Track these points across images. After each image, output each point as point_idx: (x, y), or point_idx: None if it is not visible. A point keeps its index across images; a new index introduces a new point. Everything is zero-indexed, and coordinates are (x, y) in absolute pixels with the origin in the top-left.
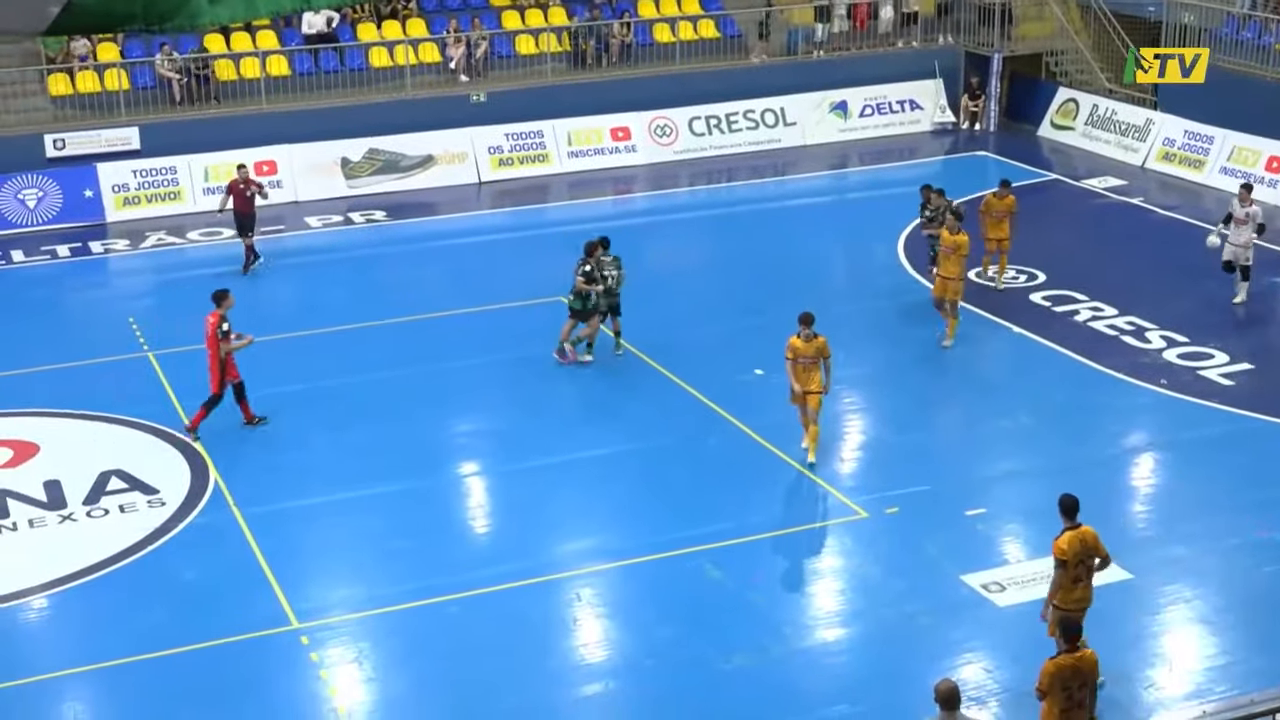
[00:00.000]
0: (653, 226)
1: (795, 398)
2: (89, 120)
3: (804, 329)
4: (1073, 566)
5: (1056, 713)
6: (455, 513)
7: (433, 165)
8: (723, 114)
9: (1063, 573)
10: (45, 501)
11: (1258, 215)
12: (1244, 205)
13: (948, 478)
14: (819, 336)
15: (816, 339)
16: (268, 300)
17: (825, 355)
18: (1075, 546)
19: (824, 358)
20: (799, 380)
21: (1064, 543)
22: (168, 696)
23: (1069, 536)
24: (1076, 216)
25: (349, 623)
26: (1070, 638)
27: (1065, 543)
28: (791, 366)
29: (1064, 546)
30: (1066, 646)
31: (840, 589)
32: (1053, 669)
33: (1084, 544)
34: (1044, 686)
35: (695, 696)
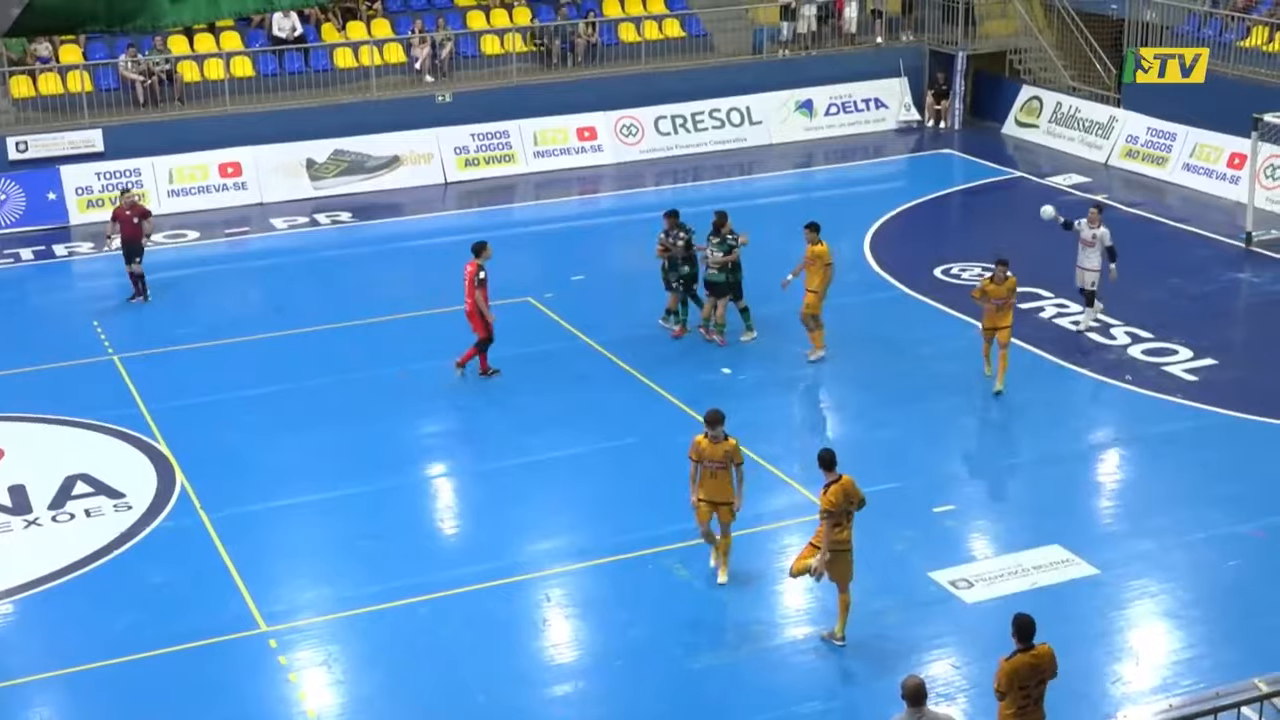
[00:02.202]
0: (619, 226)
1: (700, 510)
2: (52, 122)
3: (710, 429)
4: (839, 515)
5: (1013, 710)
6: (424, 514)
7: (398, 166)
8: (688, 113)
9: (830, 523)
10: (10, 506)
11: (1106, 238)
12: (1092, 226)
13: (915, 474)
14: (729, 438)
15: (726, 441)
16: (234, 302)
17: (736, 461)
18: (839, 498)
19: (735, 463)
20: (704, 488)
21: (831, 496)
22: (136, 701)
23: (835, 490)
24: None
25: (317, 625)
26: (1024, 636)
27: (833, 495)
28: (695, 471)
29: (832, 500)
30: (1021, 646)
31: (809, 586)
32: (1009, 669)
33: (845, 494)
34: (1002, 687)
35: (666, 696)
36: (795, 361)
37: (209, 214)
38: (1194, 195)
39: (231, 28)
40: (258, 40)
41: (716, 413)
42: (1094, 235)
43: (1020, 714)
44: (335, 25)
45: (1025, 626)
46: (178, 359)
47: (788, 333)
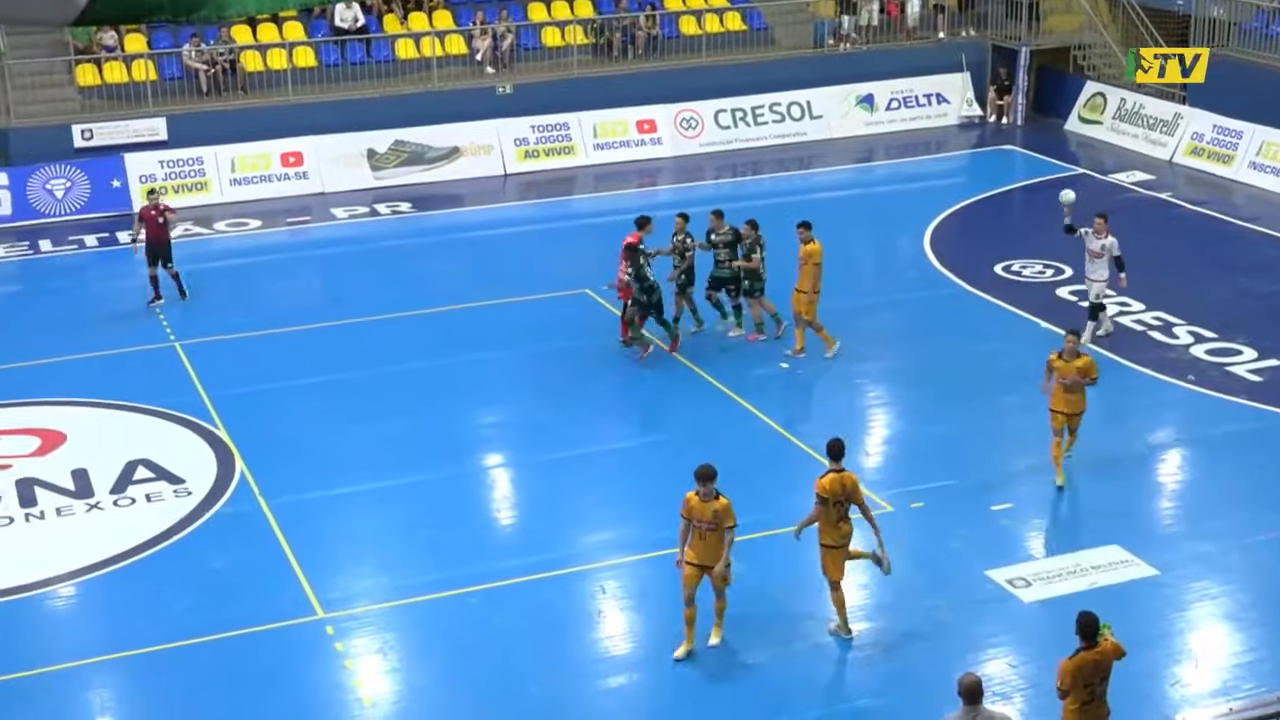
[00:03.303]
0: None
1: (687, 573)
2: (117, 111)
3: (702, 486)
4: (833, 505)
5: (1077, 706)
6: (479, 504)
7: (459, 157)
8: (748, 107)
9: (823, 509)
10: (73, 490)
11: (1114, 248)
12: (1099, 237)
13: (973, 472)
14: (720, 497)
15: (718, 500)
16: (294, 291)
17: (727, 523)
18: (835, 487)
19: (725, 526)
20: (694, 549)
21: (826, 482)
22: (194, 685)
23: (831, 478)
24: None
25: (373, 613)
26: (1087, 634)
27: (828, 482)
28: (686, 529)
29: (826, 485)
30: (1085, 644)
31: (864, 583)
32: (1072, 667)
33: (844, 486)
34: (1065, 685)
35: (718, 689)
36: (851, 356)
37: (270, 203)
38: (1260, 194)
39: (294, 18)
40: (320, 30)
41: (707, 468)
42: (1102, 246)
43: (1084, 710)
44: (397, 16)
45: (1088, 624)
46: (238, 346)
47: (845, 328)
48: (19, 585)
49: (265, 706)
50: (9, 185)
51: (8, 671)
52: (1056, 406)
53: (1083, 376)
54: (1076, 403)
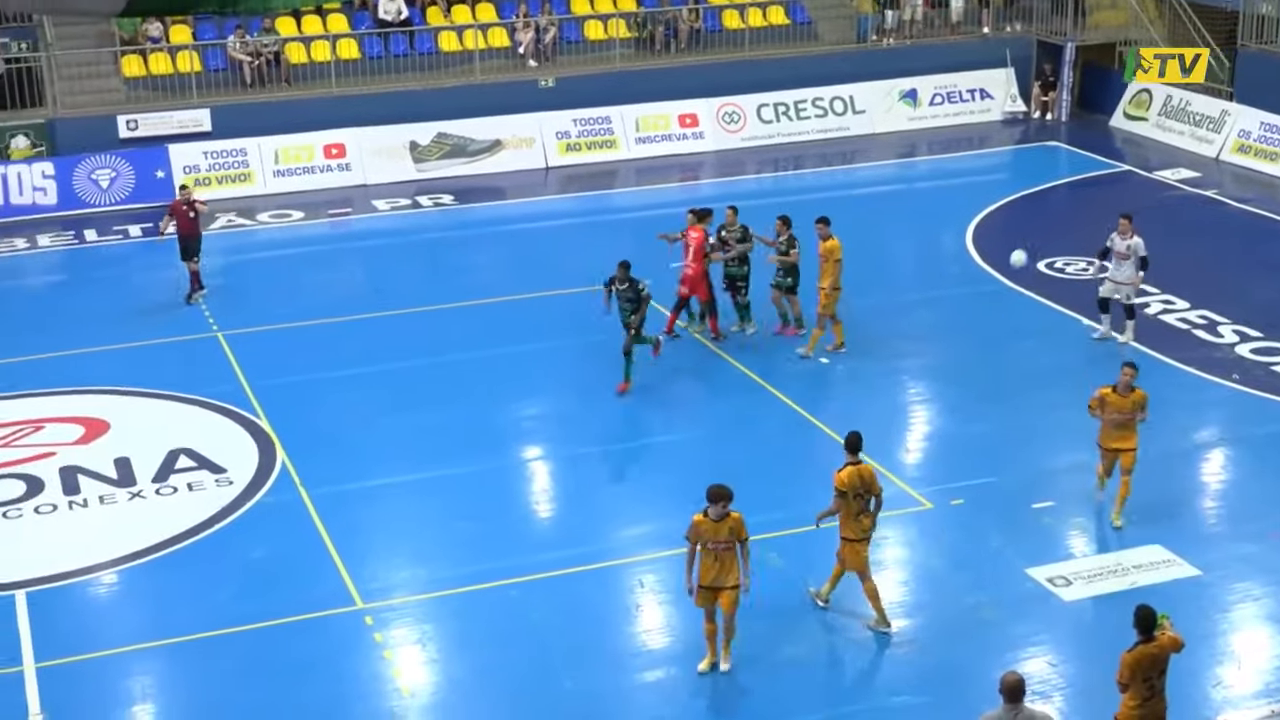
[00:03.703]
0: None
1: (700, 598)
2: (161, 101)
3: (714, 506)
4: (852, 498)
5: (1138, 702)
6: (518, 496)
7: (500, 150)
8: (791, 101)
9: (842, 502)
10: (115, 479)
11: (1139, 248)
12: (1124, 237)
13: (1013, 470)
14: (732, 514)
15: (730, 517)
16: (336, 282)
17: (741, 537)
18: (854, 480)
19: (740, 540)
20: (706, 573)
21: (844, 476)
22: (233, 673)
23: (849, 471)
24: (1148, 208)
25: (412, 604)
26: (1145, 627)
27: (846, 475)
28: (693, 555)
29: (844, 479)
30: (1142, 637)
31: (904, 580)
32: (1131, 660)
33: (862, 479)
34: (1124, 679)
35: (756, 684)
36: (893, 352)
37: (313, 194)
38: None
39: (338, 10)
40: (363, 23)
41: (723, 489)
42: (1128, 246)
43: (1144, 705)
44: (440, 9)
45: (1146, 617)
46: (280, 337)
47: (887, 324)
48: (62, 572)
49: (304, 696)
50: (55, 175)
51: (50, 657)
52: (1106, 443)
53: (1137, 412)
54: (1128, 439)
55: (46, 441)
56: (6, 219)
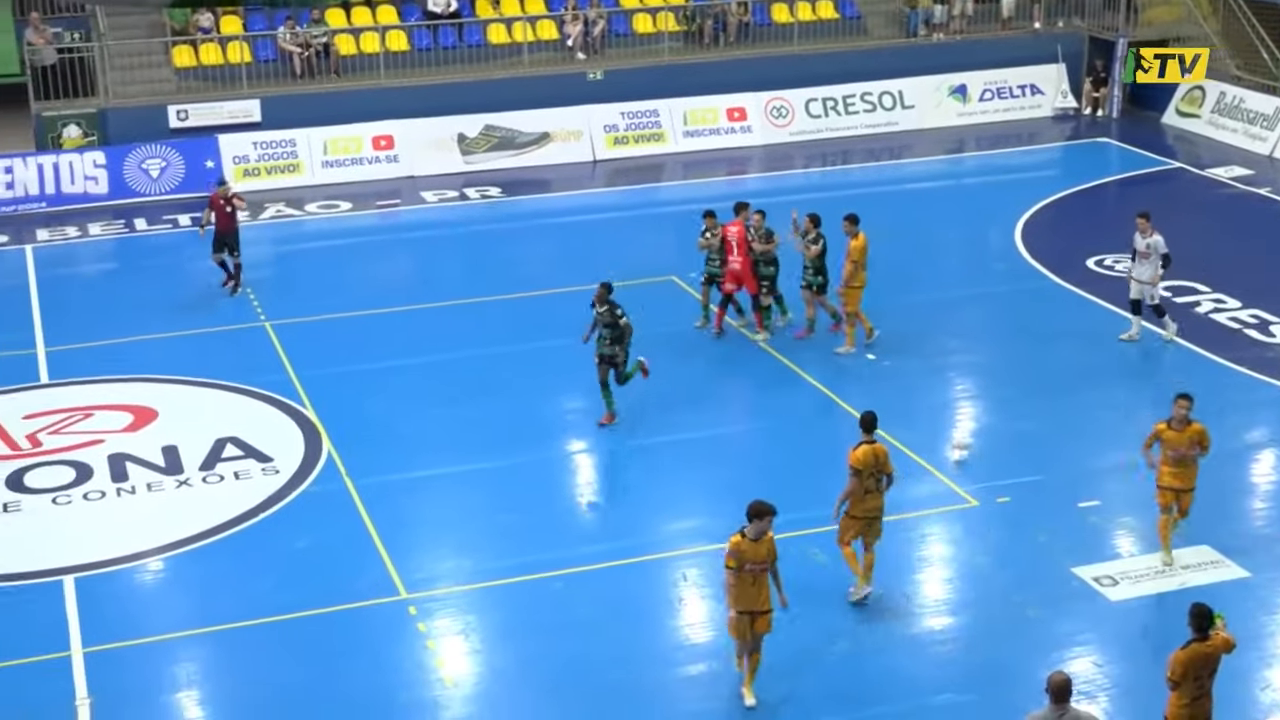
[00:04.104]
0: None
1: (735, 627)
2: (211, 92)
3: (754, 524)
4: (866, 477)
5: (1187, 701)
6: (562, 489)
7: (548, 142)
8: (839, 96)
9: (857, 481)
10: (163, 466)
11: (1160, 245)
12: (1144, 236)
13: (1060, 468)
14: (770, 533)
15: (767, 536)
16: (383, 273)
17: (775, 558)
18: (869, 459)
19: (774, 560)
20: (741, 599)
21: (860, 454)
22: (277, 661)
23: (865, 449)
24: (1200, 206)
25: (456, 594)
26: (1200, 626)
27: (860, 454)
28: (735, 579)
29: (859, 457)
30: (1196, 635)
31: (948, 577)
32: (1184, 658)
33: (876, 458)
34: (1176, 676)
35: (798, 680)
36: (939, 350)
37: (361, 185)
38: None
39: (387, 2)
40: (413, 15)
41: (762, 505)
42: (1148, 245)
43: (1193, 704)
44: (489, 1)
45: (1201, 616)
46: (327, 328)
47: (934, 320)
48: (110, 558)
49: (347, 685)
50: (106, 164)
51: (97, 643)
52: (1164, 482)
53: (1195, 448)
54: (1188, 477)
55: (96, 429)
56: (58, 207)
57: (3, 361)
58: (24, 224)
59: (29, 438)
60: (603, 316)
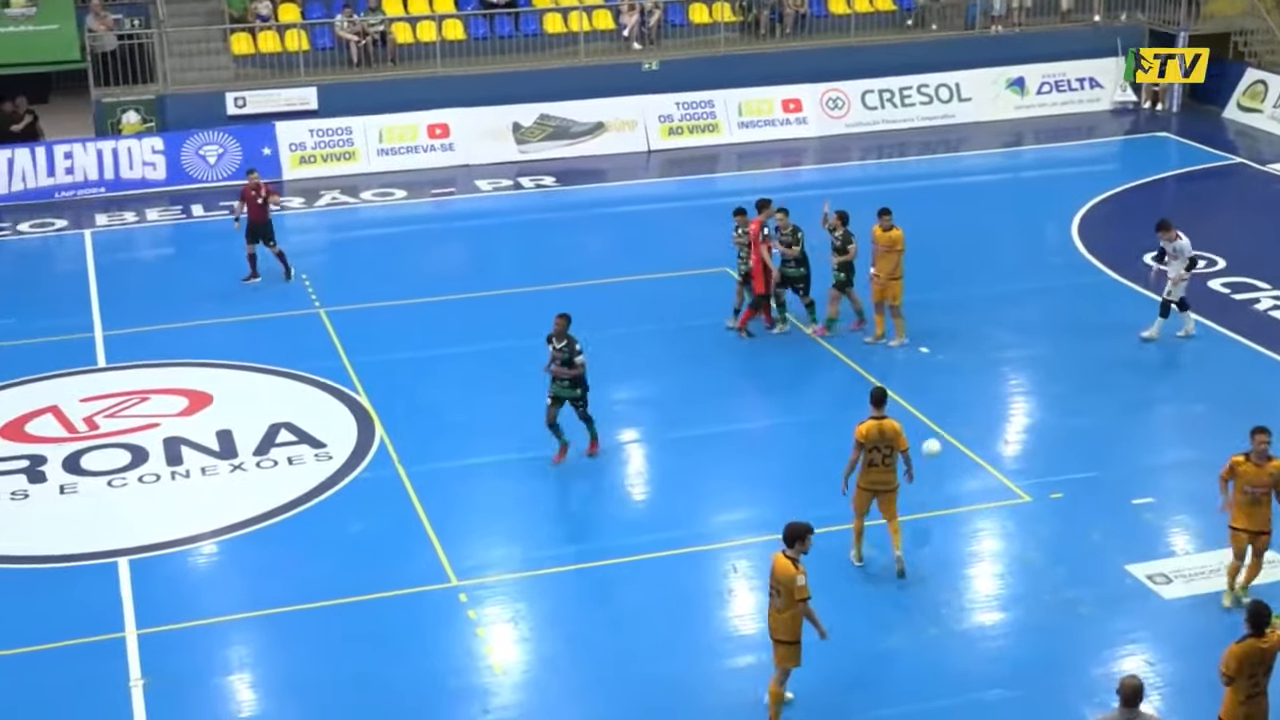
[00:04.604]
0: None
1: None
2: (269, 79)
3: (795, 547)
4: (869, 450)
5: (1242, 698)
6: (612, 478)
7: (603, 132)
8: (896, 88)
9: (857, 453)
10: (217, 450)
11: (1186, 249)
12: (1170, 242)
13: (1115, 465)
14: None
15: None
16: (437, 261)
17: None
18: (873, 434)
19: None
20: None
21: (863, 428)
22: (327, 646)
23: (870, 425)
24: (1261, 202)
25: (506, 582)
26: (1257, 623)
27: (864, 429)
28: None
29: (863, 431)
30: (1253, 633)
31: (1000, 573)
32: (1239, 652)
33: (882, 434)
34: (1230, 671)
35: (847, 673)
36: (994, 344)
37: (416, 174)
38: None
39: None
40: (469, 4)
41: (800, 526)
42: (1175, 249)
43: (1249, 702)
44: None
45: (1259, 613)
46: (382, 315)
47: (989, 314)
48: (164, 541)
49: (397, 670)
50: (164, 150)
51: (151, 624)
52: (1239, 524)
53: (1274, 484)
54: (1264, 518)
55: (151, 412)
56: (116, 193)
57: (61, 345)
58: (83, 209)
59: (86, 420)
60: (560, 354)
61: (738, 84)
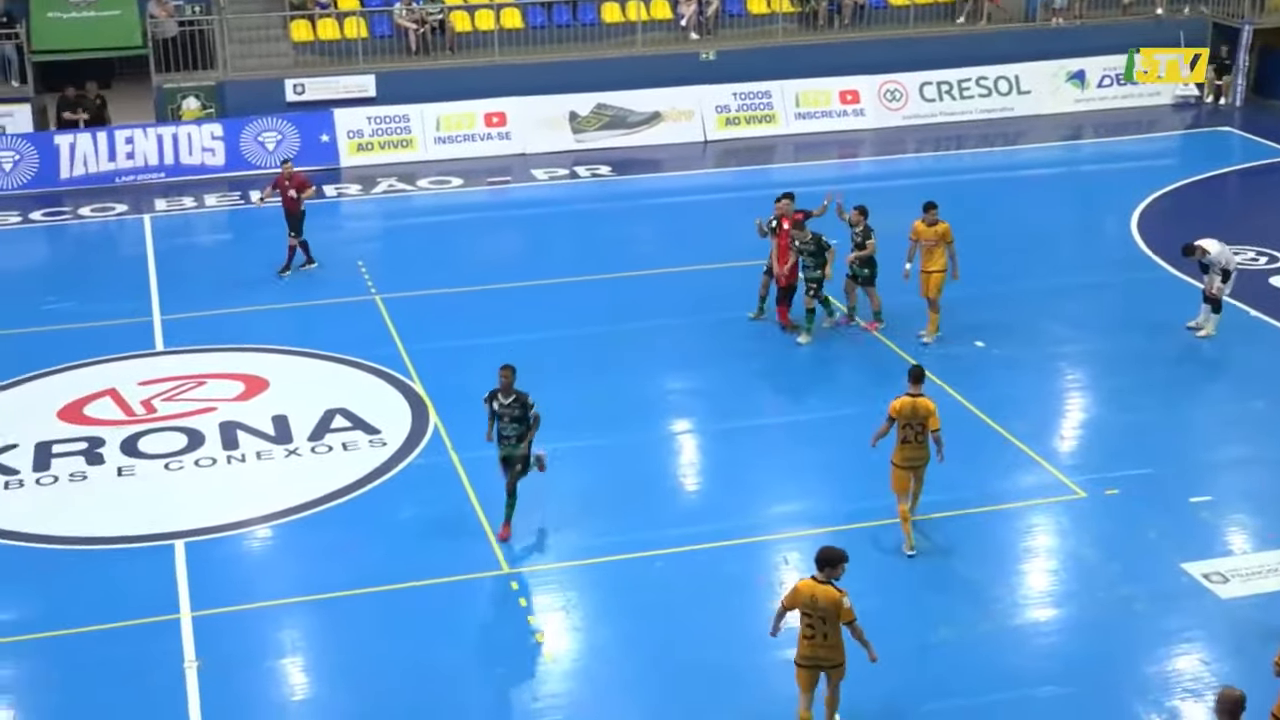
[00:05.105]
0: (877, 192)
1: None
2: (328, 67)
3: (826, 572)
4: (901, 426)
5: None
6: (664, 469)
7: (659, 122)
8: (954, 80)
9: (887, 425)
10: (273, 435)
11: (1218, 260)
12: (1202, 258)
13: (1172, 461)
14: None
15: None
16: (492, 250)
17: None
18: (906, 410)
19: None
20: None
21: (897, 404)
22: (379, 631)
23: (904, 400)
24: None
25: (557, 571)
26: None
27: (898, 404)
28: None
29: (896, 406)
30: None
31: (1054, 568)
32: None
33: (915, 410)
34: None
35: (897, 667)
36: (1051, 338)
37: (472, 162)
38: None
39: None
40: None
41: (833, 552)
42: (1209, 262)
43: None
44: None
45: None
46: (437, 302)
47: (1046, 308)
48: (219, 525)
49: (448, 657)
50: (223, 136)
51: (206, 607)
52: None
53: None
54: None
55: (208, 396)
56: (176, 178)
57: (120, 329)
58: (143, 193)
59: (144, 404)
60: (509, 410)
61: (795, 75)
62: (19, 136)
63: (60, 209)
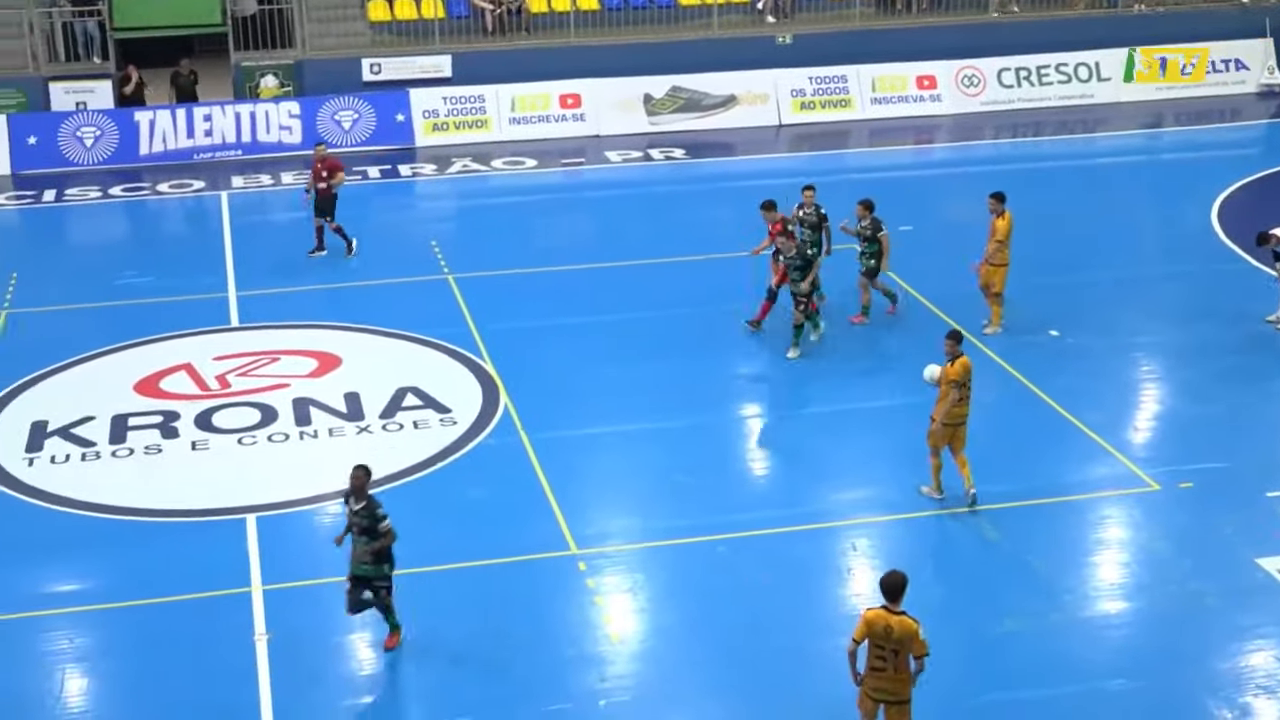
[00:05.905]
0: (952, 178)
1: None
2: (404, 47)
3: (895, 600)
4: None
5: None
6: (733, 452)
7: (734, 105)
8: (1033, 66)
9: (963, 392)
10: (345, 412)
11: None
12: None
13: (1248, 455)
14: (908, 617)
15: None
16: (565, 231)
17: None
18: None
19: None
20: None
21: (958, 368)
22: (447, 608)
23: (961, 364)
24: None
25: (625, 552)
26: None
27: (958, 368)
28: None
29: (958, 371)
30: None
31: (1125, 561)
32: None
33: (966, 370)
34: None
35: (963, 657)
36: (1127, 329)
37: (547, 143)
38: None
39: None
40: None
41: (900, 576)
42: None
43: None
44: None
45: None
46: (509, 282)
47: (1122, 298)
48: (291, 499)
49: (515, 635)
50: (300, 115)
51: (276, 580)
52: None
53: None
54: None
55: (282, 373)
56: (253, 155)
57: (196, 304)
58: (220, 170)
59: (218, 379)
60: (357, 519)
61: (871, 59)
62: (100, 112)
63: (139, 184)
